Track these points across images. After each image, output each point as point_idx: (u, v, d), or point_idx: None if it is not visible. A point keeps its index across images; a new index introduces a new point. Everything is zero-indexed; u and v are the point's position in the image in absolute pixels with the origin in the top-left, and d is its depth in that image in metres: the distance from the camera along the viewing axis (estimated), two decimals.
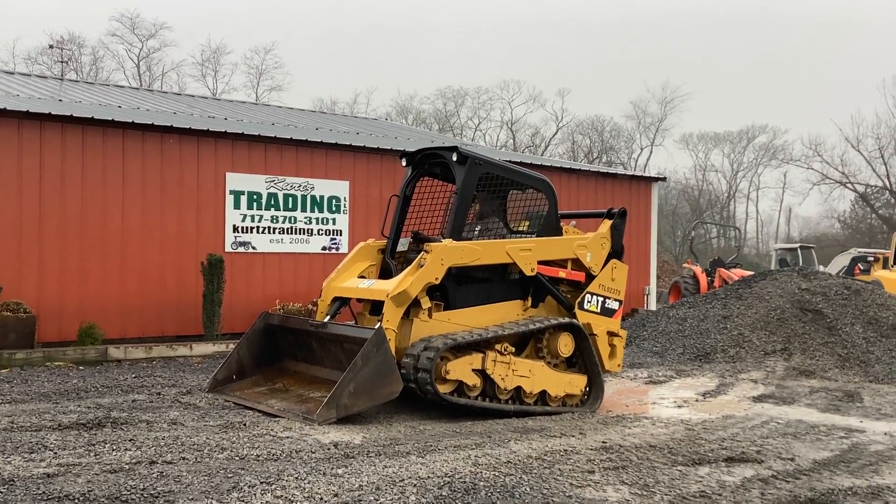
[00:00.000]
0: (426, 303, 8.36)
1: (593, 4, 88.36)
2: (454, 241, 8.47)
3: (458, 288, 8.63)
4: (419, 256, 8.37)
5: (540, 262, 9.05)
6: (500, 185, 9.16)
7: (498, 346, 8.47)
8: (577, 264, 9.40)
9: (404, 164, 9.52)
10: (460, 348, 8.23)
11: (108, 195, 13.17)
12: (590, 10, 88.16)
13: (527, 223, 9.58)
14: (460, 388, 8.24)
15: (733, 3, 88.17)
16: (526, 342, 8.93)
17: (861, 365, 12.21)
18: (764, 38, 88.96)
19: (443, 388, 8.07)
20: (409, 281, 8.17)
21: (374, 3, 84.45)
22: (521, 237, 9.31)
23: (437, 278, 8.28)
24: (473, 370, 8.26)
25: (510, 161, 11.90)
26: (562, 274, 9.28)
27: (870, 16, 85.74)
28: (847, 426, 8.54)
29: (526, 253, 8.93)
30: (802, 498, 5.87)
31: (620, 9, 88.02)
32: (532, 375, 8.65)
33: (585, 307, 9.33)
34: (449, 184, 9.43)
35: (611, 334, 9.54)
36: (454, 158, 8.77)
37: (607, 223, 9.74)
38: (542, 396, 8.80)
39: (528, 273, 8.92)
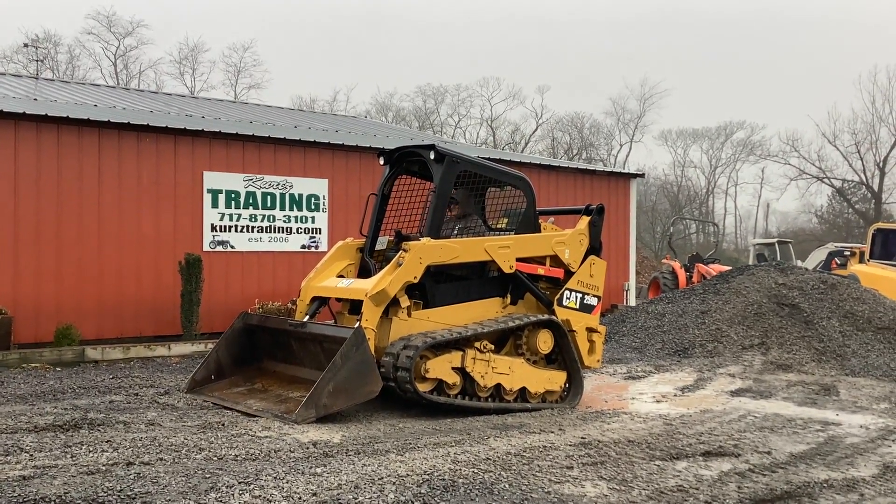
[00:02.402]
0: (405, 301, 8.35)
1: (571, 2, 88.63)
2: (433, 240, 8.46)
3: (437, 286, 8.62)
4: (398, 255, 8.36)
5: (519, 259, 9.06)
6: (478, 182, 9.17)
7: (477, 345, 8.47)
8: (556, 261, 9.43)
9: (382, 162, 9.50)
10: (440, 347, 8.22)
11: (84, 195, 13.05)
12: (567, 7, 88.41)
13: (505, 220, 9.60)
14: (440, 386, 8.23)
15: (711, 1, 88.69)
16: (505, 339, 8.94)
17: (837, 358, 12.34)
18: (741, 35, 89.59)
19: (422, 387, 8.06)
20: (388, 280, 8.15)
21: (353, 1, 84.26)
22: (499, 234, 9.33)
23: (415, 277, 8.28)
24: (453, 368, 8.26)
25: (489, 158, 11.93)
26: (540, 271, 9.30)
27: (846, 12, 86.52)
28: (823, 419, 8.62)
29: (504, 250, 8.94)
30: (779, 491, 5.92)
31: (599, 6, 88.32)
32: (512, 373, 8.66)
33: (564, 304, 9.35)
34: (427, 182, 9.42)
35: (590, 330, 9.58)
36: (431, 157, 8.74)
37: (585, 219, 9.77)
38: (522, 393, 8.81)
39: (507, 270, 8.94)
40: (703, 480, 6.11)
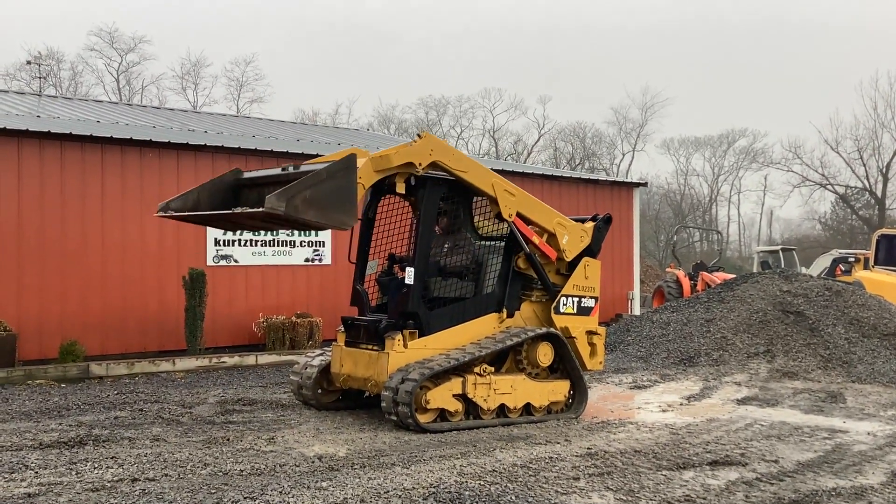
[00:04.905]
0: (401, 187, 8.35)
1: (572, 11, 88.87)
2: (448, 144, 8.47)
3: (431, 312, 8.56)
4: (413, 140, 8.38)
5: (519, 217, 8.96)
6: (463, 199, 9.14)
7: (477, 369, 8.39)
8: (553, 242, 9.29)
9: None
10: (439, 375, 8.14)
11: (87, 211, 13.08)
12: (568, 16, 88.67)
13: (495, 228, 9.46)
14: (442, 414, 8.18)
15: (710, 8, 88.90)
16: (505, 356, 8.86)
17: (843, 365, 12.29)
18: (742, 42, 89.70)
19: (424, 418, 7.99)
20: (395, 150, 8.18)
21: (354, 14, 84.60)
22: (490, 243, 9.29)
23: (420, 164, 8.21)
24: (454, 396, 8.20)
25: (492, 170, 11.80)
26: (535, 239, 9.14)
27: (846, 18, 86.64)
28: (830, 427, 8.59)
29: (509, 196, 8.84)
30: (786, 500, 5.90)
31: (599, 16, 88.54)
32: (514, 391, 8.60)
33: (562, 310, 9.28)
34: (413, 198, 9.22)
35: (590, 333, 9.50)
36: (412, 181, 8.61)
37: (591, 223, 9.73)
38: (527, 408, 8.76)
39: (506, 216, 8.81)
40: (710, 490, 6.09)
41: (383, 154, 8.10)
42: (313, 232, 15.22)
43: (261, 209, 7.09)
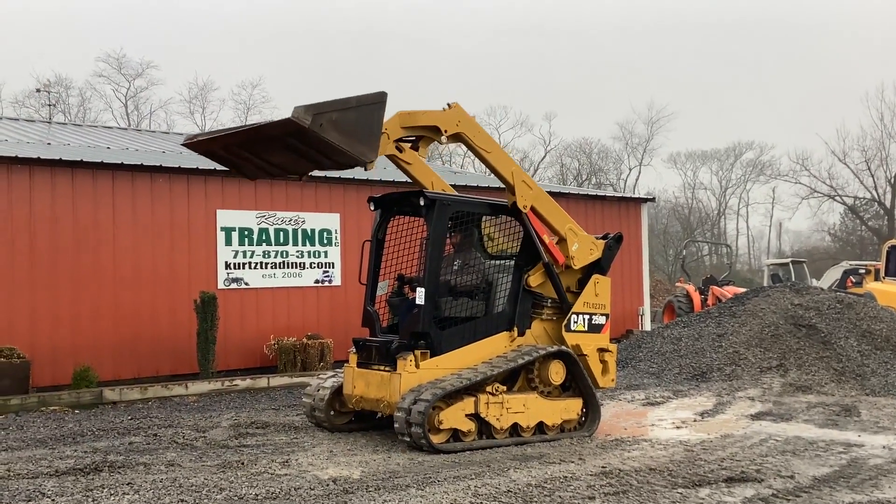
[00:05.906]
0: (423, 156, 8.51)
1: (575, 29, 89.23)
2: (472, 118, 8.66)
3: (442, 332, 8.57)
4: (443, 108, 8.55)
5: (533, 212, 8.98)
6: (471, 218, 9.17)
7: (489, 388, 8.39)
8: (563, 247, 9.29)
9: (372, 208, 9.46)
10: (451, 395, 8.14)
11: (99, 237, 13.16)
12: (572, 33, 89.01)
13: (505, 246, 9.47)
14: (455, 434, 8.17)
15: (714, 22, 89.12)
16: (517, 374, 8.85)
17: (857, 378, 12.25)
18: (746, 55, 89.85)
19: (437, 439, 7.99)
20: (424, 111, 8.38)
21: (360, 35, 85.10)
22: (500, 262, 9.31)
23: (445, 131, 8.42)
24: (467, 415, 8.19)
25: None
26: (545, 238, 9.15)
27: (851, 28, 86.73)
28: (845, 441, 8.55)
29: (527, 188, 8.92)
30: None
31: (601, 31, 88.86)
32: (527, 409, 8.59)
33: (572, 328, 9.27)
34: (421, 218, 9.22)
35: (601, 350, 9.49)
36: (421, 202, 8.65)
37: (603, 241, 9.75)
38: (540, 427, 8.75)
39: (521, 206, 8.85)
40: None
41: (412, 112, 8.29)
42: (323, 253, 15.27)
43: (286, 117, 7.08)
